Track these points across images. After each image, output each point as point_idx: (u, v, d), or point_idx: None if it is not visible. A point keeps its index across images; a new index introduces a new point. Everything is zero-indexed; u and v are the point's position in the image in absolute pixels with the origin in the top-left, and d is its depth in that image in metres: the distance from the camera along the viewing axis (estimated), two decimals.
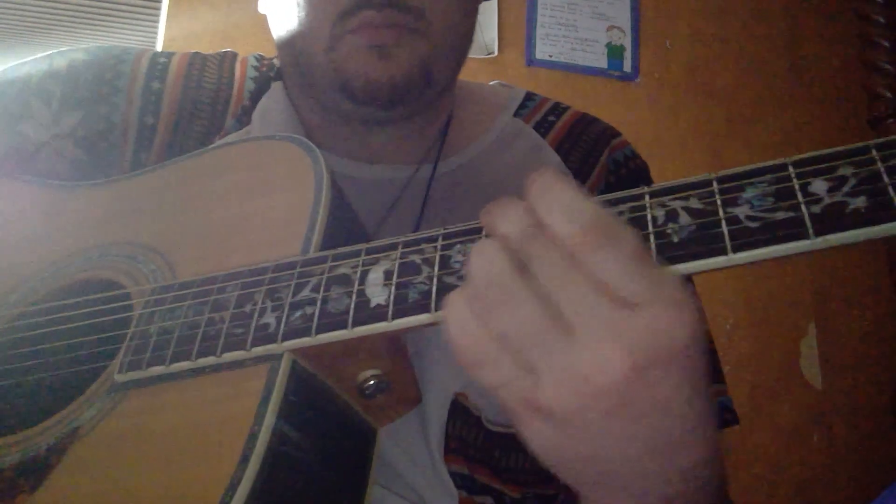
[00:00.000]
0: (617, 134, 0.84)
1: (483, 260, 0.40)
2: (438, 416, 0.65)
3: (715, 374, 0.75)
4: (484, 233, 0.45)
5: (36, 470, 0.50)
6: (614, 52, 2.50)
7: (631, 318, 0.36)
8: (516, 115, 0.81)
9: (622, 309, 0.37)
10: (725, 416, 0.74)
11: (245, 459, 0.42)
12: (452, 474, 0.65)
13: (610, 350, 0.36)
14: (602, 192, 0.78)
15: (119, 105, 0.74)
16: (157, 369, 0.49)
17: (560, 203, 0.39)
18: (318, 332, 0.46)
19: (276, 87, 0.77)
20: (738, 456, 2.24)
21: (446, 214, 0.71)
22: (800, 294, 2.45)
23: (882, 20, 2.59)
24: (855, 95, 2.61)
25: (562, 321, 0.37)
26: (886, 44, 2.58)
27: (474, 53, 2.38)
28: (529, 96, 0.84)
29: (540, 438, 0.41)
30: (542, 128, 0.80)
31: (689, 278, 0.74)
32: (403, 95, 0.66)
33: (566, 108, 0.84)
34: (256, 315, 0.48)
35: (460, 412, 0.66)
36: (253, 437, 0.43)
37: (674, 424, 0.39)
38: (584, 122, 0.83)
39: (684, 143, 2.48)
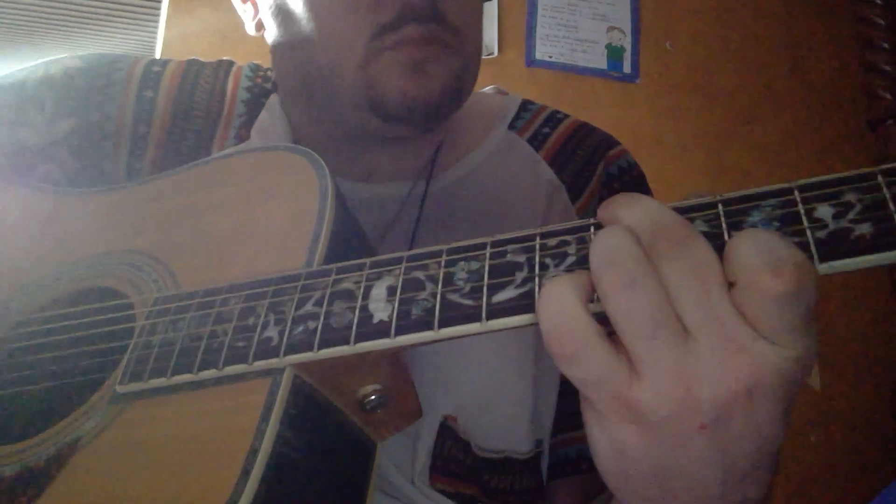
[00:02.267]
0: (614, 144, 0.82)
1: (612, 240, 0.38)
2: (427, 438, 0.65)
3: None
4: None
5: (35, 481, 0.50)
6: (614, 53, 2.50)
7: (758, 343, 0.35)
8: (511, 126, 0.80)
9: (754, 334, 0.35)
10: None
11: (246, 473, 0.42)
12: (440, 491, 0.65)
13: (728, 366, 0.35)
14: (598, 205, 0.78)
15: (112, 113, 0.74)
16: (159, 381, 0.49)
17: (756, 236, 0.37)
18: (320, 348, 0.45)
19: (273, 100, 0.77)
20: None
21: (441, 231, 0.71)
22: None
23: (882, 22, 2.59)
24: (855, 97, 2.61)
25: (682, 322, 0.36)
26: (886, 46, 2.59)
27: None
28: (525, 106, 0.83)
29: (617, 443, 0.39)
30: (536, 141, 0.79)
31: None
32: (437, 112, 0.65)
33: (562, 119, 0.83)
34: (259, 328, 0.48)
35: (449, 435, 0.65)
36: (254, 452, 0.43)
37: (754, 456, 0.38)
38: (580, 134, 0.81)
39: (684, 144, 2.48)
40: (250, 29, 0.76)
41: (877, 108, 2.60)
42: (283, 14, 0.69)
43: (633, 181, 0.81)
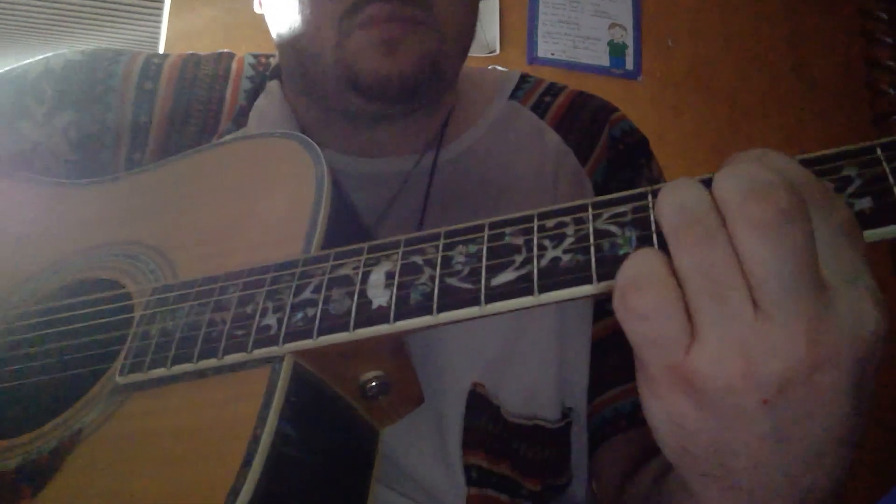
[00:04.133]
0: (614, 109, 0.84)
1: (682, 194, 0.36)
2: (455, 409, 0.65)
3: None
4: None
5: (38, 474, 0.50)
6: (616, 51, 2.50)
7: (829, 319, 0.34)
8: (512, 97, 0.81)
9: (820, 294, 0.34)
10: None
11: (248, 462, 0.42)
12: (469, 467, 0.65)
13: (795, 341, 0.34)
14: (604, 169, 0.78)
15: (112, 105, 0.74)
16: (159, 371, 0.49)
17: (782, 163, 0.36)
18: (319, 335, 0.45)
19: (272, 86, 0.77)
20: None
21: (451, 203, 0.71)
22: None
23: (885, 17, 2.59)
24: (858, 93, 2.60)
25: (753, 290, 0.34)
26: (890, 41, 2.58)
27: (476, 52, 2.38)
28: (524, 78, 0.84)
29: (674, 415, 0.38)
30: (540, 108, 0.80)
31: None
32: (413, 90, 0.66)
33: (562, 88, 0.84)
34: (258, 316, 0.48)
35: (478, 403, 0.66)
36: (255, 440, 0.43)
37: (821, 438, 0.37)
38: (582, 100, 0.83)
39: (687, 141, 2.48)
40: (256, 7, 0.77)
41: (881, 103, 2.59)
42: (274, 6, 0.71)
43: (636, 143, 0.82)
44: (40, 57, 0.77)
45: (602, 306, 0.72)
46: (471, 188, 0.72)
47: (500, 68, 0.87)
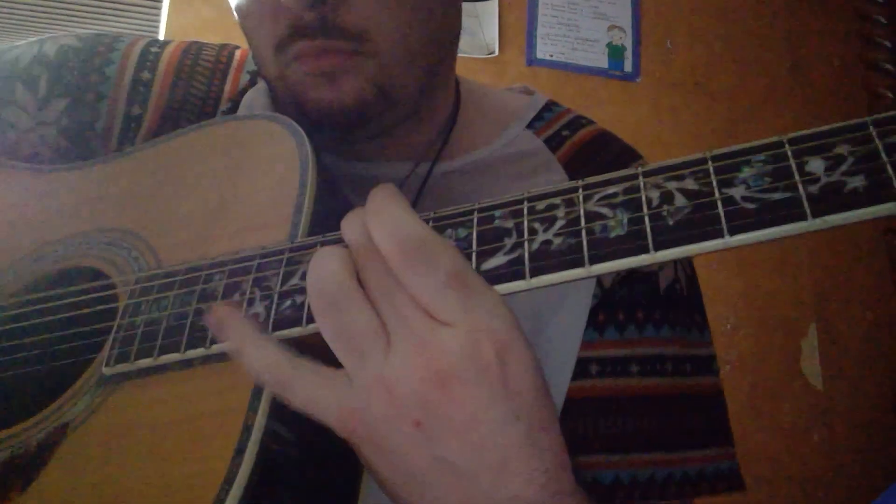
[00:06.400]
0: (636, 157, 0.78)
1: (318, 265, 0.43)
2: None
3: (717, 435, 0.70)
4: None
5: (27, 467, 0.49)
6: (615, 52, 2.50)
7: (435, 332, 0.39)
8: (530, 125, 0.76)
9: (432, 324, 0.39)
10: (721, 483, 0.69)
11: (240, 452, 0.42)
12: None
13: (411, 361, 0.39)
14: None
15: (106, 93, 0.72)
16: (146, 362, 0.49)
17: (385, 220, 0.42)
18: (308, 322, 0.45)
19: (262, 82, 0.75)
20: (739, 456, 2.23)
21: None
22: (801, 294, 2.45)
23: (883, 20, 2.59)
24: (856, 95, 2.61)
25: (384, 331, 0.41)
26: (887, 43, 2.59)
27: (475, 53, 2.38)
28: (548, 107, 0.79)
29: (359, 451, 0.42)
30: (554, 142, 0.75)
31: (689, 260, 0.72)
32: (359, 118, 0.63)
33: (585, 124, 0.78)
34: (245, 305, 0.47)
35: None
36: (247, 430, 0.43)
37: (488, 446, 0.40)
38: (602, 142, 0.77)
39: (685, 143, 2.48)
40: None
41: (878, 106, 2.59)
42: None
43: None
44: (34, 40, 0.75)
45: (584, 366, 0.67)
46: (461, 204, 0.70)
47: (530, 90, 0.82)
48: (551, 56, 2.46)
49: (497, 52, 2.42)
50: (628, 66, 2.51)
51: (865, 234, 2.46)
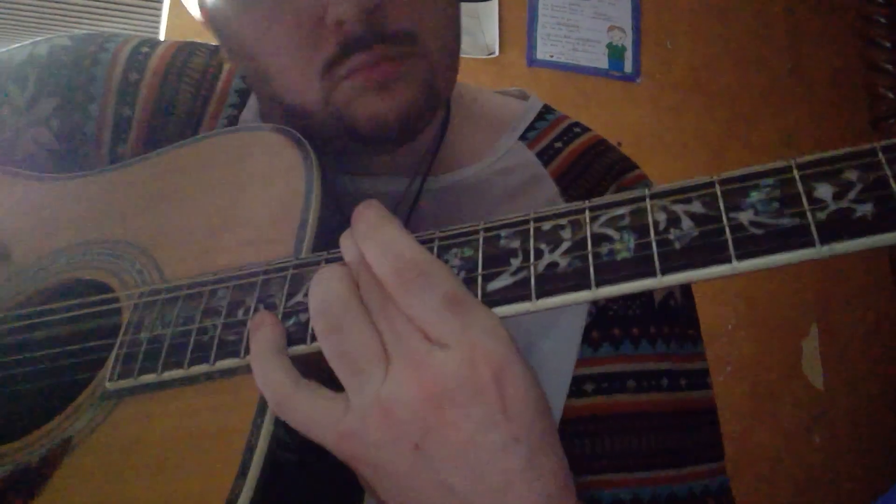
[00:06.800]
0: (631, 168, 0.76)
1: (320, 285, 0.43)
2: None
3: (714, 449, 0.68)
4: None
5: (29, 483, 0.49)
6: (615, 53, 2.50)
7: (431, 354, 0.39)
8: (524, 136, 0.75)
9: (428, 346, 0.39)
10: (723, 498, 0.67)
11: (243, 472, 0.42)
12: None
13: (408, 382, 0.39)
14: None
15: (96, 95, 0.72)
16: (149, 377, 0.48)
17: (377, 241, 0.42)
18: (313, 340, 0.45)
19: (252, 102, 0.74)
20: (739, 456, 2.24)
21: (433, 230, 0.69)
22: (802, 294, 2.45)
23: (883, 20, 2.59)
24: (856, 96, 2.61)
25: (384, 353, 0.40)
26: (888, 44, 2.58)
27: (475, 53, 2.38)
28: (542, 114, 0.77)
29: (357, 473, 0.42)
30: (546, 155, 0.74)
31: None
32: (416, 124, 0.62)
33: (579, 133, 0.77)
34: (250, 321, 0.47)
35: None
36: (250, 450, 0.42)
37: (486, 467, 0.39)
38: (595, 153, 0.75)
39: (686, 143, 2.48)
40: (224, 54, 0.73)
41: (879, 106, 2.59)
42: (236, 53, 0.65)
43: None
44: (27, 42, 0.75)
45: (579, 385, 0.66)
46: (456, 222, 0.69)
47: (525, 95, 0.81)
48: (551, 57, 2.46)
49: (497, 53, 2.42)
50: (628, 67, 2.51)
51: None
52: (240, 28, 0.61)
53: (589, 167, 0.74)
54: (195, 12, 0.69)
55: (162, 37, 2.16)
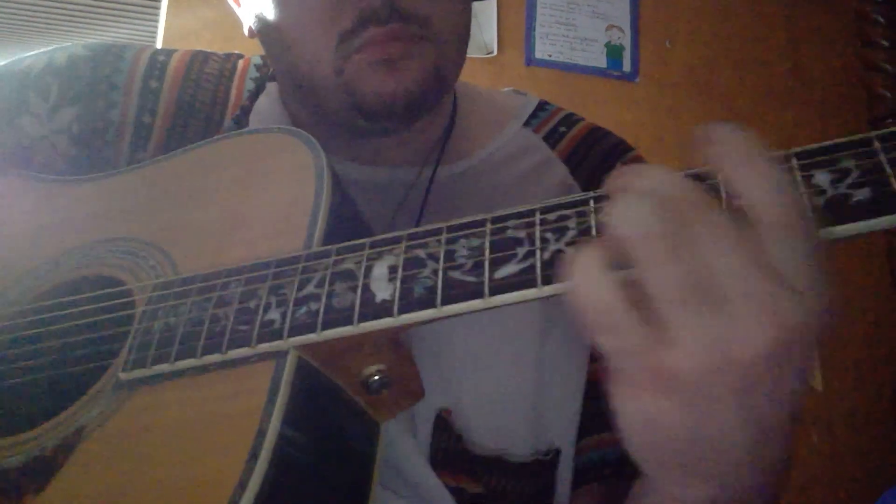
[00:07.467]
0: (630, 148, 0.81)
1: (641, 208, 0.37)
2: (424, 431, 0.65)
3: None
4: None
5: (42, 470, 0.50)
6: (614, 52, 2.50)
7: (789, 299, 0.36)
8: (527, 124, 0.79)
9: (781, 288, 0.36)
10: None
11: (254, 457, 0.42)
12: (448, 487, 0.64)
13: (762, 325, 0.35)
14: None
15: (116, 102, 0.74)
16: (163, 367, 0.49)
17: (767, 179, 0.37)
18: (323, 329, 0.46)
19: (272, 87, 0.77)
20: None
21: (446, 218, 0.70)
22: None
23: (882, 20, 2.59)
24: (855, 95, 2.61)
25: (715, 289, 0.36)
26: (886, 44, 2.59)
27: (473, 53, 2.38)
28: (542, 106, 0.82)
29: (649, 413, 0.39)
30: (552, 138, 0.79)
31: None
32: (421, 106, 0.65)
33: (578, 120, 0.82)
34: (261, 311, 0.48)
35: (444, 429, 0.65)
36: (261, 435, 0.43)
37: (781, 415, 0.39)
38: (596, 135, 0.81)
39: (684, 143, 2.47)
40: (246, 32, 0.76)
41: (877, 106, 2.60)
42: (261, 24, 0.69)
43: None
44: (44, 50, 0.77)
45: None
46: (470, 207, 0.70)
47: (521, 92, 0.85)
48: (550, 56, 2.46)
49: (496, 52, 2.43)
50: (627, 66, 2.51)
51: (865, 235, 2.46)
52: None
53: (592, 148, 0.78)
54: None
55: (160, 38, 2.17)
